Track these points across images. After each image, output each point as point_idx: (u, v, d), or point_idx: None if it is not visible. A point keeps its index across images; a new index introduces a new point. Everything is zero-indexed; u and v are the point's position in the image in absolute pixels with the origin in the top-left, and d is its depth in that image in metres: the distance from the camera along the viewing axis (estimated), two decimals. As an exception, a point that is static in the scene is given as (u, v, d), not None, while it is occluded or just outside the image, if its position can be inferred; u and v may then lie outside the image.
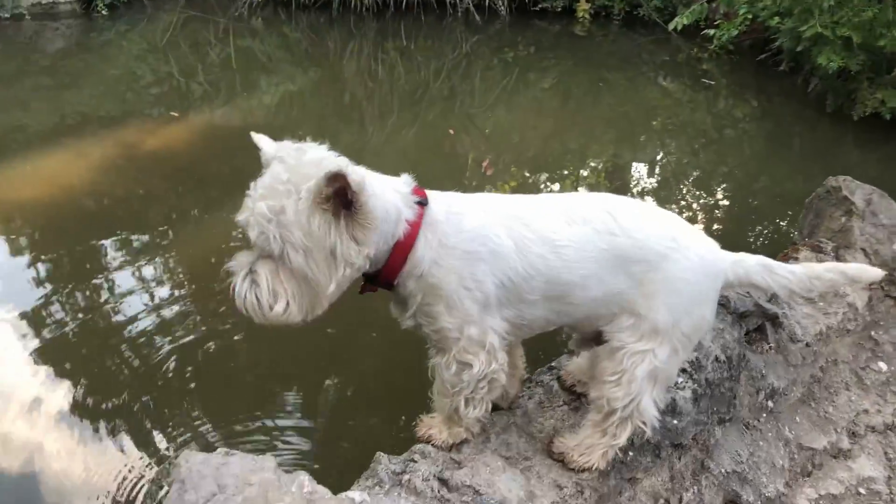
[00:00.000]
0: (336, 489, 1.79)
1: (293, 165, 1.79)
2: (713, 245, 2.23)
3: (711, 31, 11.05)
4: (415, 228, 1.97)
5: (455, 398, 2.18)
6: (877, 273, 2.22)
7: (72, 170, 6.50)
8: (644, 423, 2.27)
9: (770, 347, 3.22)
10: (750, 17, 10.30)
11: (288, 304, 1.81)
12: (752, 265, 2.20)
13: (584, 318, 2.21)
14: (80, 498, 3.28)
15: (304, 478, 1.40)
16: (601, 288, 2.10)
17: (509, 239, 2.01)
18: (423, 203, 2.00)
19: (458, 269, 1.99)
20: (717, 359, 2.83)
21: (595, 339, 2.32)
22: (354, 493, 1.42)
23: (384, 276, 2.04)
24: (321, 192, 1.72)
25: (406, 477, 2.11)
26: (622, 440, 2.31)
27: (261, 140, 1.97)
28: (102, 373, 4.06)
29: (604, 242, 2.04)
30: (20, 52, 10.44)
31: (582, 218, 2.06)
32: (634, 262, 2.07)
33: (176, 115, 8.19)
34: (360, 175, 1.75)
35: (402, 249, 1.97)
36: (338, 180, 1.70)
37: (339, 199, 1.76)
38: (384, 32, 12.64)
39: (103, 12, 12.21)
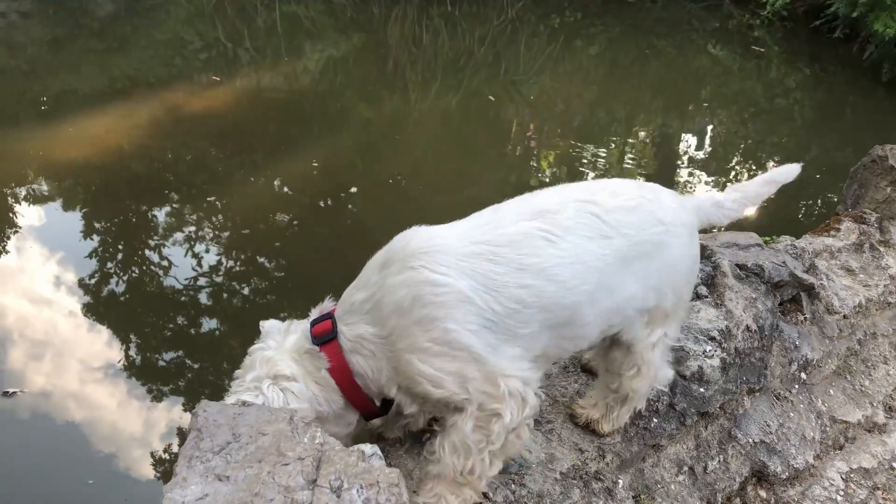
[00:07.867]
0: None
1: None
2: (682, 200, 2.13)
3: (765, -3, 10.75)
4: (338, 367, 1.82)
5: (477, 456, 1.81)
6: (796, 168, 2.25)
7: (120, 132, 6.65)
8: (664, 387, 2.29)
9: (805, 318, 3.16)
10: (806, -19, 9.99)
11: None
12: (709, 208, 2.19)
13: (600, 333, 1.99)
14: (132, 445, 3.43)
15: (316, 430, 1.44)
16: (612, 298, 1.91)
17: (466, 279, 1.72)
18: (330, 338, 1.83)
19: (414, 346, 1.73)
20: (748, 328, 2.79)
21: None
22: (365, 446, 1.46)
23: (368, 413, 1.94)
24: None
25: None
26: (643, 404, 2.32)
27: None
28: (149, 329, 4.20)
29: (600, 248, 1.85)
30: (71, 17, 10.66)
31: (564, 229, 1.82)
32: (634, 259, 1.91)
33: (217, 78, 8.29)
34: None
35: (349, 389, 1.85)
36: None
37: None
38: (429, -2, 12.58)
39: (153, -23, 12.34)
